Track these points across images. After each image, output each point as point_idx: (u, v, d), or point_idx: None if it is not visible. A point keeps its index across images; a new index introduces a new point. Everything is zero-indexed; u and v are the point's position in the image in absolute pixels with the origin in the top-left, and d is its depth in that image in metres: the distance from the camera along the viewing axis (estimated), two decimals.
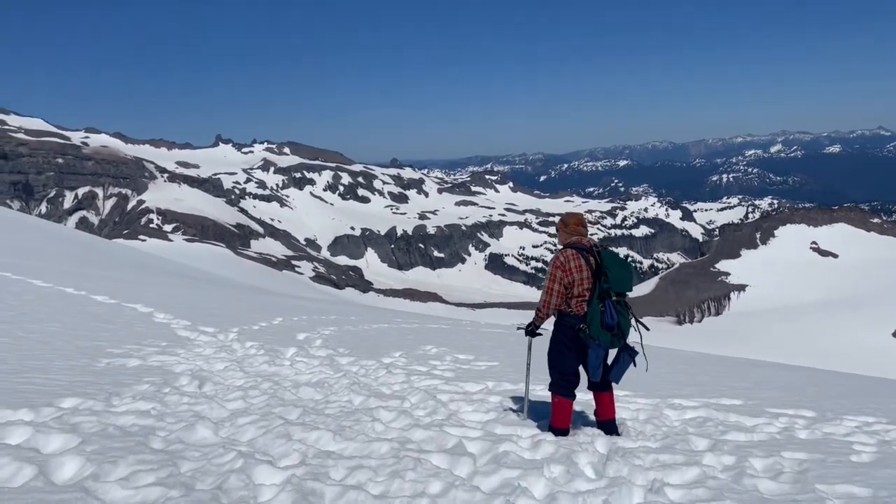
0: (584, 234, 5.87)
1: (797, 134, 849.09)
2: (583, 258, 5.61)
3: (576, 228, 5.89)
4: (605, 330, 5.40)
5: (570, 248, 5.72)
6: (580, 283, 5.56)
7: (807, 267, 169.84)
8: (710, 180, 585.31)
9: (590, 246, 5.71)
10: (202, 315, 11.58)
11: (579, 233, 5.85)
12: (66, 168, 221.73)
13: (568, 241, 5.87)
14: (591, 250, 5.66)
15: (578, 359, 5.69)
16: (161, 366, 6.99)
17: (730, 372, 11.41)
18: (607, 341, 5.42)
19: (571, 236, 5.89)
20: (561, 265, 5.64)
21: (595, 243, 5.80)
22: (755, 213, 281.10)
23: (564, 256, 5.68)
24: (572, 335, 5.63)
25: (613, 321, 5.38)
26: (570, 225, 5.97)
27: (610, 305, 5.42)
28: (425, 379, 7.69)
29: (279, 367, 7.66)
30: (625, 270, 5.55)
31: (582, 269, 5.57)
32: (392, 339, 11.69)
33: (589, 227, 6.05)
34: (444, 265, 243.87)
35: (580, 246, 5.72)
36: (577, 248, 5.70)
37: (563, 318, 5.75)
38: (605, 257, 5.55)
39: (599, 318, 5.41)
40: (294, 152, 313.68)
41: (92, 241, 50.80)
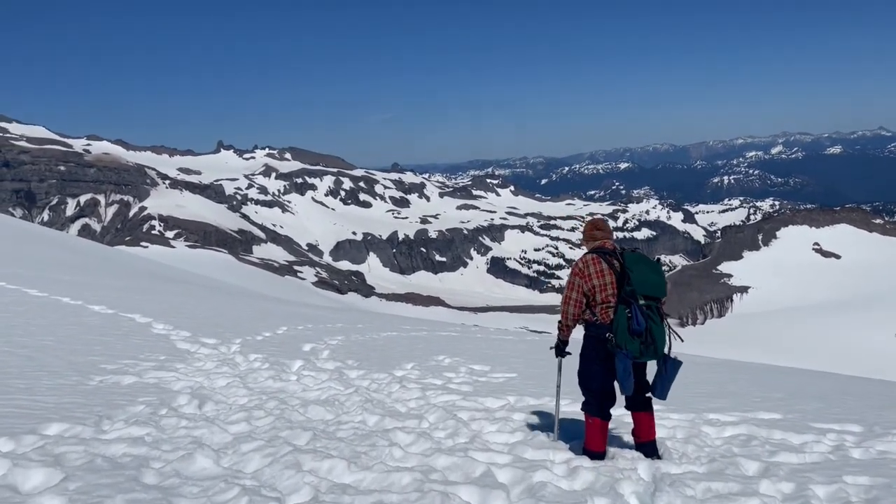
0: (605, 238, 5.38)
1: (798, 135, 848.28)
2: (605, 262, 5.11)
3: (591, 234, 5.42)
4: (633, 336, 4.88)
5: (591, 254, 5.24)
6: (602, 288, 5.07)
7: (809, 268, 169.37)
8: (712, 182, 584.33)
9: (613, 249, 5.23)
10: (203, 325, 11.07)
11: (596, 237, 5.38)
12: (69, 175, 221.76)
13: (591, 248, 5.40)
14: (614, 253, 5.18)
15: (611, 373, 5.18)
16: (158, 383, 6.48)
17: (757, 380, 10.89)
18: (636, 350, 4.89)
19: (593, 242, 5.41)
20: (579, 271, 5.17)
21: (619, 246, 5.32)
22: (757, 214, 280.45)
23: (583, 262, 5.20)
24: (600, 347, 5.12)
25: (641, 327, 4.84)
26: (586, 232, 5.52)
27: (637, 310, 4.88)
28: (442, 394, 7.17)
29: (285, 383, 7.14)
30: (652, 271, 5.03)
31: (603, 274, 5.08)
32: (402, 348, 11.17)
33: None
34: (447, 269, 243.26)
35: (603, 250, 5.23)
36: (599, 252, 5.22)
37: (590, 329, 5.24)
38: (628, 258, 5.06)
39: (626, 324, 4.90)
40: (295, 158, 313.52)
41: (93, 248, 50.34)
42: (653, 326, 4.90)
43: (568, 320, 5.30)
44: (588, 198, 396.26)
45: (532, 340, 16.16)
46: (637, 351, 4.90)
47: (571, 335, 5.51)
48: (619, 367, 4.95)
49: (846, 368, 56.95)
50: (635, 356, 4.93)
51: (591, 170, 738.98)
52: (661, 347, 4.97)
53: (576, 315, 5.25)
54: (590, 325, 5.25)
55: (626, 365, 4.92)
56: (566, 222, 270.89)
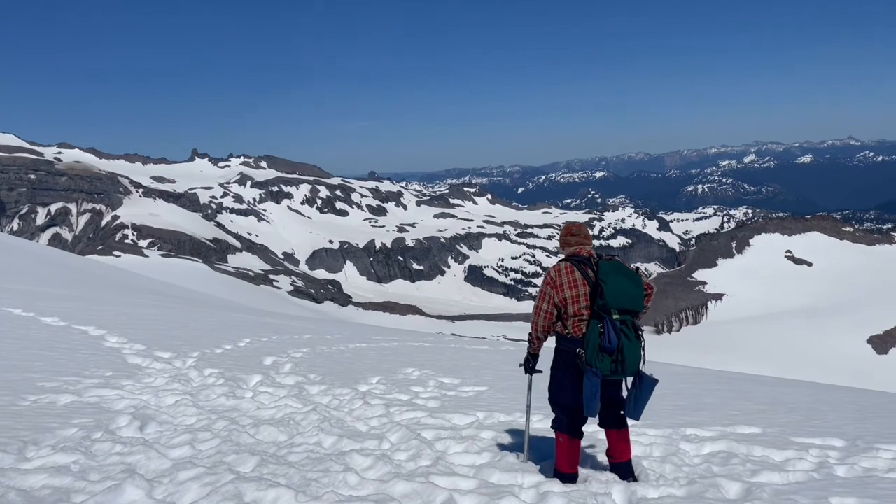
0: (580, 244, 4.98)
1: (770, 144, 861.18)
2: (579, 271, 4.73)
3: (565, 239, 5.02)
4: (604, 354, 4.51)
5: (566, 261, 4.85)
6: (574, 300, 4.69)
7: (782, 275, 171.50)
8: (686, 191, 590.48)
9: (589, 257, 4.84)
10: (161, 337, 10.55)
11: (570, 243, 4.97)
12: (39, 184, 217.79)
13: (566, 255, 5.03)
14: (588, 261, 4.79)
15: (581, 390, 4.82)
16: (98, 402, 6.00)
17: (733, 391, 10.63)
18: (606, 368, 4.52)
19: (567, 248, 5.02)
20: (551, 280, 4.78)
21: (597, 254, 4.96)
22: (730, 222, 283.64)
23: (556, 270, 4.81)
24: (571, 362, 4.75)
25: (613, 345, 4.46)
26: (561, 237, 5.13)
27: (609, 325, 4.50)
28: (407, 410, 6.77)
29: (239, 401, 6.68)
30: (628, 282, 4.63)
31: (576, 284, 4.69)
32: (370, 361, 10.74)
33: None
34: (424, 278, 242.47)
35: (578, 258, 4.84)
36: (574, 260, 4.83)
37: (561, 342, 4.86)
38: (602, 267, 4.66)
39: (597, 341, 4.52)
40: (271, 166, 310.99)
41: (62, 257, 49.11)
42: (625, 344, 4.52)
43: (538, 332, 4.93)
44: (564, 206, 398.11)
45: (507, 351, 15.82)
46: (607, 369, 4.53)
47: (543, 347, 5.16)
48: (585, 386, 4.57)
49: (820, 374, 57.52)
50: (605, 375, 4.57)
51: (568, 178, 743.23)
52: (632, 366, 4.60)
53: (546, 327, 4.89)
54: (561, 338, 4.89)
55: (593, 385, 4.55)
56: (543, 230, 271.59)
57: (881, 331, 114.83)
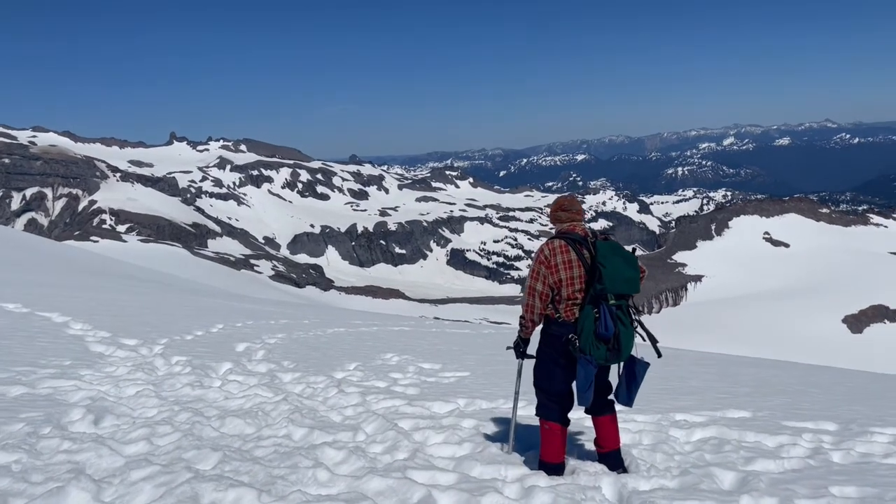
0: (572, 220, 4.59)
1: (748, 127, 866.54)
2: (574, 251, 4.37)
3: (556, 214, 4.64)
4: (600, 342, 4.21)
5: (560, 239, 4.48)
6: (569, 282, 4.34)
7: (760, 257, 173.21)
8: (666, 173, 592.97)
9: (584, 235, 4.46)
10: (129, 324, 10.10)
11: (561, 219, 4.59)
12: (13, 168, 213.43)
13: (559, 231, 4.66)
14: (584, 241, 4.42)
15: (570, 376, 4.50)
16: (52, 394, 5.60)
17: (720, 374, 10.43)
18: (602, 357, 4.22)
19: (561, 224, 4.62)
20: (545, 259, 4.40)
21: (591, 231, 4.59)
22: (710, 205, 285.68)
23: (550, 249, 4.45)
24: (561, 347, 4.41)
25: (610, 332, 4.16)
26: (551, 212, 4.73)
27: (605, 311, 4.19)
28: (384, 398, 6.43)
29: (206, 390, 6.30)
30: (627, 265, 4.29)
31: (571, 266, 4.35)
32: (347, 346, 10.39)
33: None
34: (406, 261, 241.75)
35: (572, 235, 4.46)
36: (567, 238, 4.45)
37: (551, 327, 4.52)
38: (601, 248, 4.30)
39: (592, 327, 4.21)
40: (251, 149, 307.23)
41: (35, 243, 48.02)
42: (621, 330, 4.22)
43: (533, 315, 4.54)
44: (546, 189, 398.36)
45: (489, 334, 15.54)
46: (603, 357, 4.23)
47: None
48: (579, 375, 4.26)
49: (796, 354, 58.08)
50: (600, 363, 4.27)
51: (549, 161, 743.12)
52: (626, 352, 4.30)
53: (542, 310, 4.51)
54: (551, 322, 4.55)
55: (588, 374, 4.23)
56: (525, 214, 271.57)
57: (856, 310, 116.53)
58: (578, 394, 4.32)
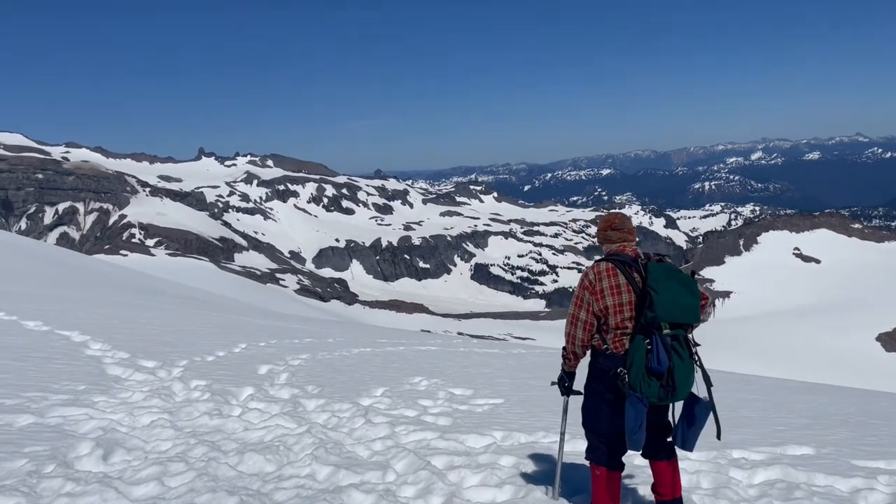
0: (623, 240, 4.11)
1: (777, 141, 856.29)
2: (623, 275, 3.88)
3: (604, 234, 4.16)
4: (651, 377, 3.69)
5: (608, 261, 3.99)
6: (617, 310, 3.86)
7: (790, 272, 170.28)
8: (693, 188, 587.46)
9: (635, 257, 3.98)
10: (149, 344, 9.78)
11: (611, 239, 4.11)
12: (47, 183, 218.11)
13: (608, 252, 4.15)
14: (635, 263, 3.94)
15: (619, 415, 3.98)
16: (61, 424, 5.23)
17: (770, 401, 9.80)
18: (654, 394, 3.70)
19: (608, 245, 4.14)
20: (589, 285, 3.93)
21: (644, 254, 4.10)
22: (738, 220, 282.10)
23: (595, 272, 3.97)
24: (609, 382, 3.91)
25: (663, 366, 3.64)
26: (599, 231, 4.23)
27: (658, 342, 3.66)
28: (414, 430, 5.98)
29: (224, 420, 5.90)
30: (684, 290, 3.76)
31: (619, 291, 3.86)
32: (374, 368, 9.96)
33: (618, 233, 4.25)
34: (430, 276, 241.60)
35: (621, 257, 3.98)
36: (617, 260, 3.97)
37: (598, 359, 4.03)
38: (653, 270, 3.79)
39: (643, 361, 3.70)
40: (277, 165, 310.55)
41: (66, 256, 48.52)
42: (676, 364, 3.69)
43: (575, 347, 4.07)
44: (571, 204, 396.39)
45: (519, 355, 15.01)
46: (655, 395, 3.71)
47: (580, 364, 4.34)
48: (628, 414, 3.76)
49: (829, 373, 56.37)
50: (652, 401, 3.75)
51: (574, 176, 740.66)
52: (683, 390, 3.76)
53: (585, 341, 4.03)
54: (598, 354, 4.06)
55: (638, 412, 3.73)
56: (549, 228, 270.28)
57: (890, 328, 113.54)
58: (628, 435, 3.81)
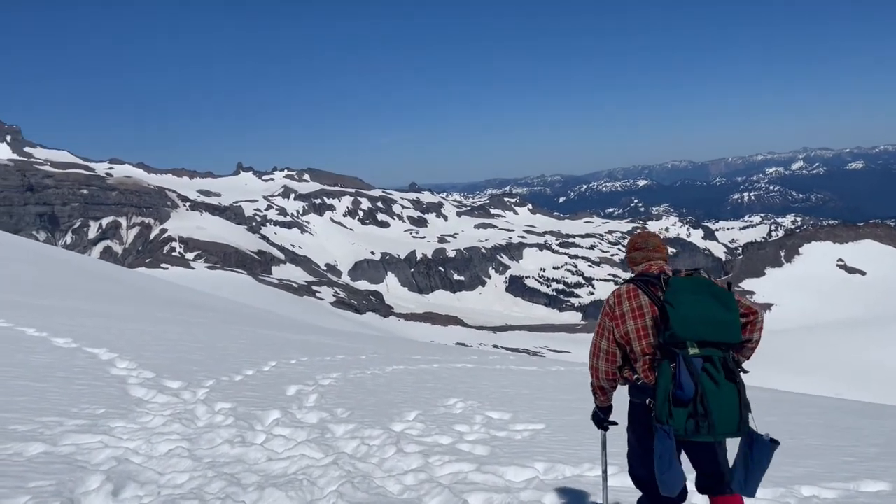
0: (648, 259, 3.69)
1: (819, 150, 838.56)
2: (645, 295, 3.45)
3: (632, 256, 3.77)
4: (677, 406, 3.19)
5: (629, 283, 3.57)
6: (640, 333, 3.41)
7: (834, 285, 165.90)
8: (732, 199, 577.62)
9: (658, 273, 3.53)
10: (177, 362, 9.52)
11: (636, 261, 3.73)
12: (91, 199, 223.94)
13: (636, 274, 3.69)
14: (658, 280, 3.48)
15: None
16: (74, 453, 4.92)
17: (832, 426, 9.09)
18: (681, 426, 3.18)
19: (636, 267, 3.72)
20: (609, 310, 3.52)
21: (673, 269, 3.58)
22: (778, 231, 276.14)
23: (616, 296, 3.57)
24: (644, 418, 3.47)
25: (688, 392, 3.14)
26: (628, 254, 3.83)
27: (681, 363, 3.17)
28: (450, 461, 5.54)
29: (247, 448, 5.53)
30: (709, 303, 3.25)
31: (641, 313, 3.42)
32: (407, 388, 9.54)
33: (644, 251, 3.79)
34: (465, 288, 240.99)
35: (646, 276, 3.55)
36: (640, 280, 3.54)
37: (631, 392, 3.59)
38: (673, 284, 3.32)
39: (668, 387, 3.21)
40: (314, 178, 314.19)
41: (106, 270, 49.27)
42: (708, 389, 3.14)
43: (600, 380, 3.64)
44: (607, 215, 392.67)
45: (558, 373, 14.45)
46: (682, 427, 3.18)
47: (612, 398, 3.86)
48: (655, 450, 3.25)
49: (875, 390, 54.13)
50: (680, 435, 3.21)
51: (610, 187, 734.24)
52: (725, 421, 3.18)
53: (610, 372, 3.59)
54: (631, 387, 3.58)
55: (665, 448, 3.21)
56: (585, 240, 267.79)
57: None
58: (658, 476, 3.28)
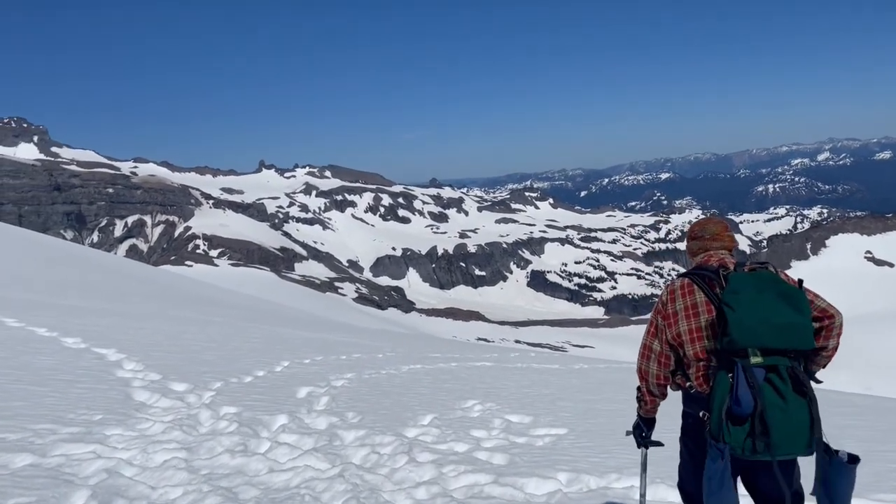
0: (711, 249, 3.19)
1: (845, 141, 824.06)
2: (702, 291, 2.95)
3: (690, 245, 3.28)
4: (734, 423, 2.71)
5: (685, 276, 3.06)
6: (694, 335, 2.93)
7: (861, 277, 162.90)
8: (756, 191, 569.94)
9: (719, 266, 3.03)
10: (186, 363, 9.24)
11: (693, 251, 3.25)
12: (117, 197, 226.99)
13: (694, 266, 3.19)
14: (717, 274, 2.98)
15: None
16: (61, 465, 4.60)
17: (870, 426, 8.53)
18: (738, 444, 2.70)
19: (695, 258, 3.23)
20: (661, 307, 3.06)
21: (736, 262, 3.06)
22: (804, 223, 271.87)
23: (670, 290, 3.07)
24: (697, 431, 3.00)
25: (745, 408, 2.67)
26: (687, 243, 3.34)
27: (740, 374, 2.69)
28: (465, 471, 5.15)
29: (248, 458, 5.18)
30: (776, 303, 2.75)
31: (696, 312, 2.94)
32: (423, 390, 9.16)
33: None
34: (486, 283, 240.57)
35: (705, 269, 3.04)
36: (696, 273, 3.04)
37: (685, 401, 3.11)
38: (733, 281, 2.82)
39: (724, 400, 2.73)
40: (335, 175, 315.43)
41: (129, 268, 49.55)
42: (770, 404, 2.67)
43: (650, 385, 3.18)
44: (629, 209, 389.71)
45: (581, 371, 13.99)
46: (740, 445, 2.71)
47: (659, 409, 3.42)
48: (707, 470, 2.78)
49: None
50: (736, 454, 2.74)
51: (632, 181, 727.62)
52: (788, 441, 2.70)
53: (662, 377, 3.12)
54: (685, 395, 3.11)
55: (715, 469, 2.74)
56: (607, 234, 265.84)
57: None
58: (706, 497, 2.81)
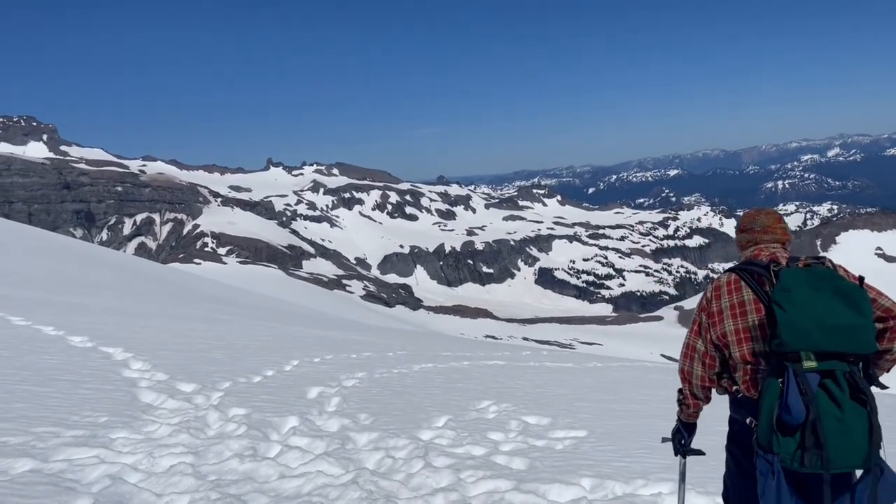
0: (761, 243, 2.89)
1: (856, 136, 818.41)
2: (751, 289, 2.67)
3: (738, 238, 3.00)
4: (783, 433, 2.43)
5: (732, 272, 2.78)
6: (741, 335, 2.66)
7: (873, 274, 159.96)
8: (765, 187, 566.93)
9: (770, 262, 2.73)
10: (194, 362, 9.05)
11: (742, 244, 2.97)
12: (125, 196, 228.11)
13: (743, 260, 2.89)
14: (767, 270, 2.68)
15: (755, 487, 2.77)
16: (63, 471, 4.39)
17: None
18: (788, 455, 2.41)
19: (744, 252, 2.94)
20: (706, 305, 2.78)
21: (784, 257, 2.81)
22: (814, 219, 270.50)
23: (715, 286, 2.79)
24: (744, 439, 2.73)
25: (796, 416, 2.38)
26: (736, 233, 3.05)
27: (791, 380, 2.41)
28: (483, 477, 4.92)
29: (258, 463, 4.96)
30: (831, 302, 2.47)
31: (743, 311, 2.66)
32: (436, 390, 8.93)
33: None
34: (494, 281, 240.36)
35: (754, 265, 2.75)
36: (744, 269, 2.75)
37: (732, 406, 2.82)
38: (784, 278, 2.52)
39: (774, 408, 2.45)
40: (343, 173, 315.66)
41: (139, 266, 49.55)
42: (826, 413, 2.38)
43: (693, 387, 2.90)
44: (637, 206, 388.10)
45: (595, 369, 13.74)
46: (790, 456, 2.42)
47: (701, 413, 3.17)
48: (760, 486, 2.49)
49: None
50: (787, 465, 2.44)
51: (640, 177, 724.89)
52: (844, 454, 2.39)
53: (706, 378, 2.84)
54: (731, 400, 2.83)
55: (769, 486, 2.45)
56: (615, 231, 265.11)
57: None
58: None
